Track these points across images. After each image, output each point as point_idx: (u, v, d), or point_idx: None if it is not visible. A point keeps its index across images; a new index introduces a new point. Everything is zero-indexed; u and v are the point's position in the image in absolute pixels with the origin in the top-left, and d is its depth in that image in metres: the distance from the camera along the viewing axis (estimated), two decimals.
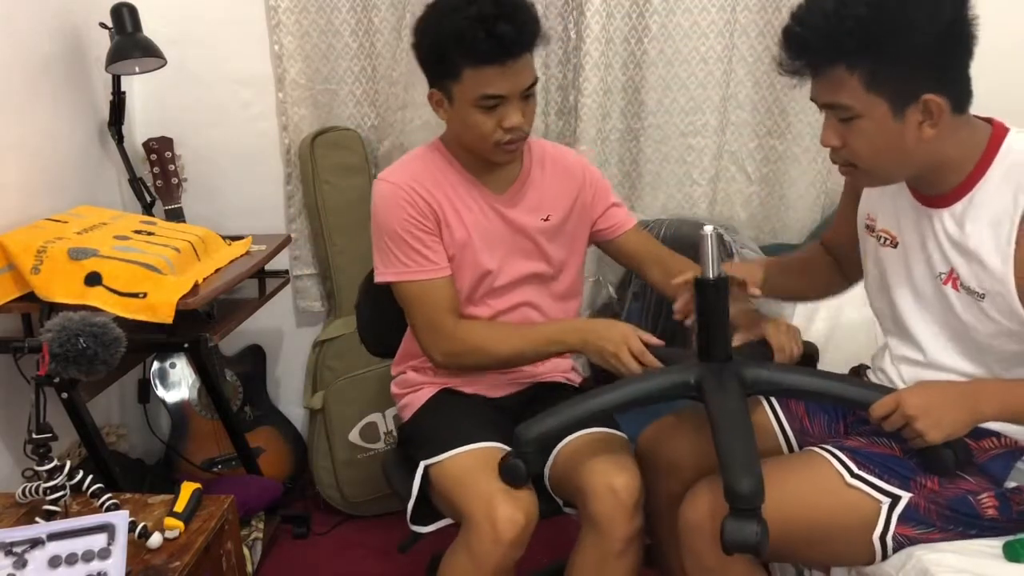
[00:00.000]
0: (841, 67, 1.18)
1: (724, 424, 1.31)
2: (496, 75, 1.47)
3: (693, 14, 2.23)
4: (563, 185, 1.71)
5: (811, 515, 1.30)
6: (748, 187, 2.36)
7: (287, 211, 2.46)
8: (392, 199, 1.59)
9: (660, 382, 1.43)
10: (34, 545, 1.26)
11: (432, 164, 1.64)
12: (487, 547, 1.42)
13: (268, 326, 2.52)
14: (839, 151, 1.27)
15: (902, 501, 1.28)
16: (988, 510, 1.28)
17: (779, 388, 1.46)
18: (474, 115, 1.51)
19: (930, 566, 1.24)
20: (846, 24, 1.15)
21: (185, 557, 1.33)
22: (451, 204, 1.61)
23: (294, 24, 2.31)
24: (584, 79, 2.23)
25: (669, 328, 2.26)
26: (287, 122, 2.39)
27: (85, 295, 1.64)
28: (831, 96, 1.22)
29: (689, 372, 1.41)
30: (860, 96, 1.19)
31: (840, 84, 1.19)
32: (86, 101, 2.17)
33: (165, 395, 2.36)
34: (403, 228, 1.58)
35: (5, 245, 1.68)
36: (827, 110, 1.25)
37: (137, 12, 2.05)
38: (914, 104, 1.19)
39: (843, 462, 1.32)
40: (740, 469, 1.23)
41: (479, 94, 1.49)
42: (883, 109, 1.19)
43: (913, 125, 1.20)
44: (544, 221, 1.67)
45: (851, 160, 1.26)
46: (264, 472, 2.32)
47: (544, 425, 1.44)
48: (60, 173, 2.04)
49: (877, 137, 1.21)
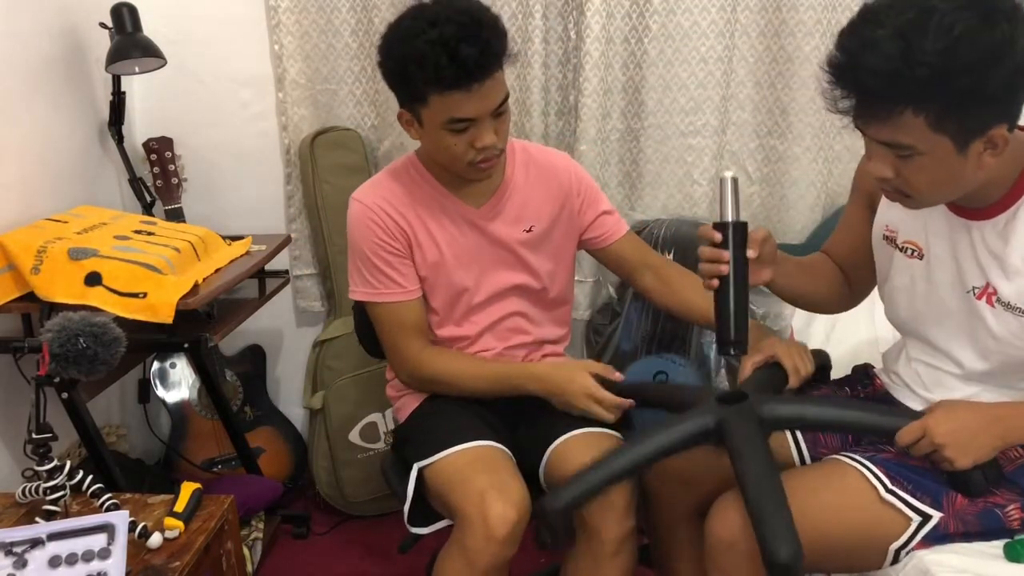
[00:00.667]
0: (907, 111, 1.11)
1: (753, 480, 1.26)
2: (463, 99, 1.43)
3: (693, 14, 2.23)
4: (548, 192, 1.68)
5: (842, 529, 1.28)
6: (748, 187, 2.36)
7: (287, 211, 2.46)
8: (362, 220, 1.59)
9: (680, 433, 1.38)
10: (34, 545, 1.26)
11: (406, 181, 1.63)
12: (480, 544, 1.41)
13: (268, 326, 2.52)
14: (890, 180, 1.22)
15: (931, 521, 1.26)
16: (1013, 522, 1.27)
17: (801, 423, 1.44)
18: (445, 138, 1.49)
19: (930, 566, 1.24)
20: (916, 72, 1.07)
21: (185, 557, 1.33)
22: (423, 223, 1.60)
23: (294, 24, 2.31)
24: (584, 79, 2.23)
25: (669, 329, 2.27)
26: (287, 122, 2.39)
27: (85, 295, 1.64)
28: (891, 136, 1.16)
29: (707, 417, 1.37)
30: (925, 136, 1.13)
31: (903, 125, 1.13)
32: (86, 101, 2.17)
33: (165, 395, 2.36)
34: (372, 250, 1.59)
35: (5, 245, 1.68)
36: (882, 145, 1.19)
37: (137, 12, 2.05)
38: (979, 138, 1.14)
39: (878, 476, 1.29)
40: (779, 535, 1.18)
41: (447, 118, 1.46)
42: (947, 146, 1.14)
43: (975, 156, 1.16)
44: (527, 232, 1.65)
45: (904, 191, 1.22)
46: (264, 472, 2.32)
47: (569, 495, 1.37)
48: (60, 173, 2.04)
49: (937, 171, 1.17)
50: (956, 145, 1.14)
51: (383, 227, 1.58)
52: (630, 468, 1.40)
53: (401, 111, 1.54)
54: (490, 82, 1.44)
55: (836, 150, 2.31)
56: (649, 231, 2.29)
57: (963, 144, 1.14)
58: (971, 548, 1.27)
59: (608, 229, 1.74)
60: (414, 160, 1.65)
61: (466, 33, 1.40)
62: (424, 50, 1.40)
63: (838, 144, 2.30)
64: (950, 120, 1.11)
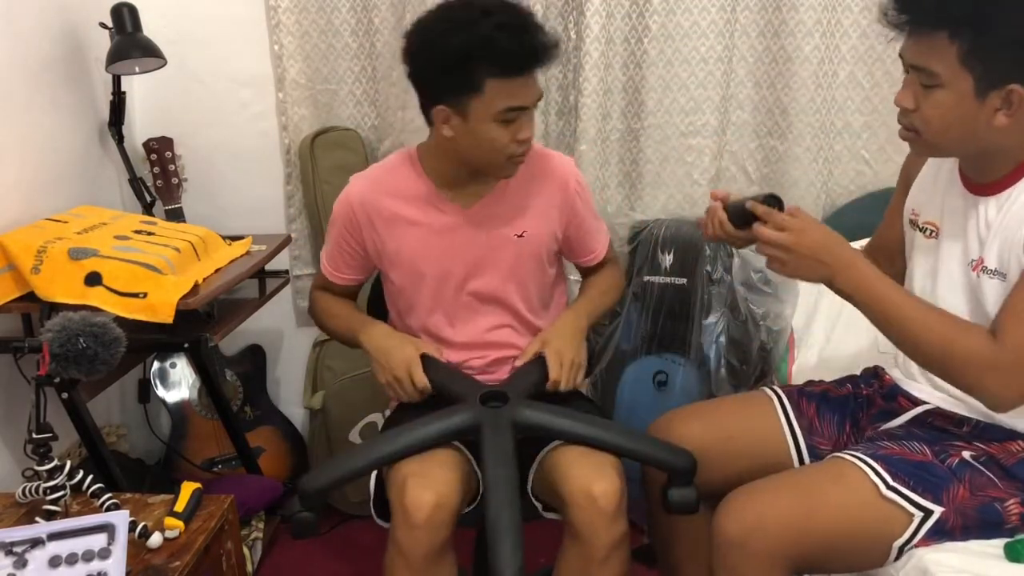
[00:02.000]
0: (943, 33, 1.17)
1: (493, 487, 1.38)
2: (520, 86, 1.45)
3: (693, 14, 2.23)
4: (546, 198, 1.66)
5: (845, 526, 1.28)
6: (748, 187, 2.36)
7: (287, 211, 2.46)
8: (342, 207, 1.66)
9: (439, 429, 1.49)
10: (34, 545, 1.26)
11: (398, 175, 1.64)
12: (403, 534, 1.40)
13: (268, 326, 2.52)
14: (910, 114, 1.27)
15: (933, 516, 1.26)
16: (1013, 517, 1.28)
17: (552, 433, 1.53)
18: (492, 129, 1.47)
19: (930, 566, 1.24)
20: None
21: (185, 557, 1.33)
22: (405, 217, 1.61)
23: (294, 24, 2.31)
24: (584, 79, 2.23)
25: (669, 329, 2.27)
26: (287, 122, 2.39)
27: (85, 295, 1.64)
28: (923, 59, 1.21)
29: (466, 416, 1.48)
30: (952, 66, 1.19)
31: (936, 50, 1.19)
32: (86, 101, 2.17)
33: (165, 395, 2.36)
34: (335, 231, 1.68)
35: (5, 245, 1.68)
36: (913, 71, 1.25)
37: (137, 12, 2.05)
38: (998, 90, 1.19)
39: (878, 472, 1.30)
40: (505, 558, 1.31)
41: (504, 106, 1.45)
42: (968, 85, 1.19)
43: (990, 109, 1.20)
44: (519, 237, 1.64)
45: (918, 126, 1.27)
46: (264, 472, 2.32)
47: (329, 476, 1.50)
48: (60, 173, 2.04)
49: (952, 111, 1.22)
50: (977, 87, 1.19)
51: (351, 223, 1.64)
52: (389, 457, 1.48)
53: (439, 107, 1.49)
54: (536, 73, 1.48)
55: (836, 150, 2.30)
56: (649, 231, 2.29)
57: (983, 89, 1.19)
58: (971, 548, 1.27)
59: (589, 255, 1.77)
60: (413, 156, 1.65)
61: (527, 21, 1.45)
62: (491, 35, 1.40)
63: (838, 144, 2.30)
64: (978, 57, 1.17)
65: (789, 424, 1.52)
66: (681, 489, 1.45)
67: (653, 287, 2.27)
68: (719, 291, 2.20)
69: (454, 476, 1.46)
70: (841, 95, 2.27)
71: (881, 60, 2.23)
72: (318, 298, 1.79)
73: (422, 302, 1.66)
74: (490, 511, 1.36)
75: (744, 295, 2.17)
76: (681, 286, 2.26)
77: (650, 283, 2.28)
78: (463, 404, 1.51)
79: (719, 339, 2.21)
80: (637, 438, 1.49)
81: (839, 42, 2.23)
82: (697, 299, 2.24)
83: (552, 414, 1.51)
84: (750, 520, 1.28)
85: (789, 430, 1.52)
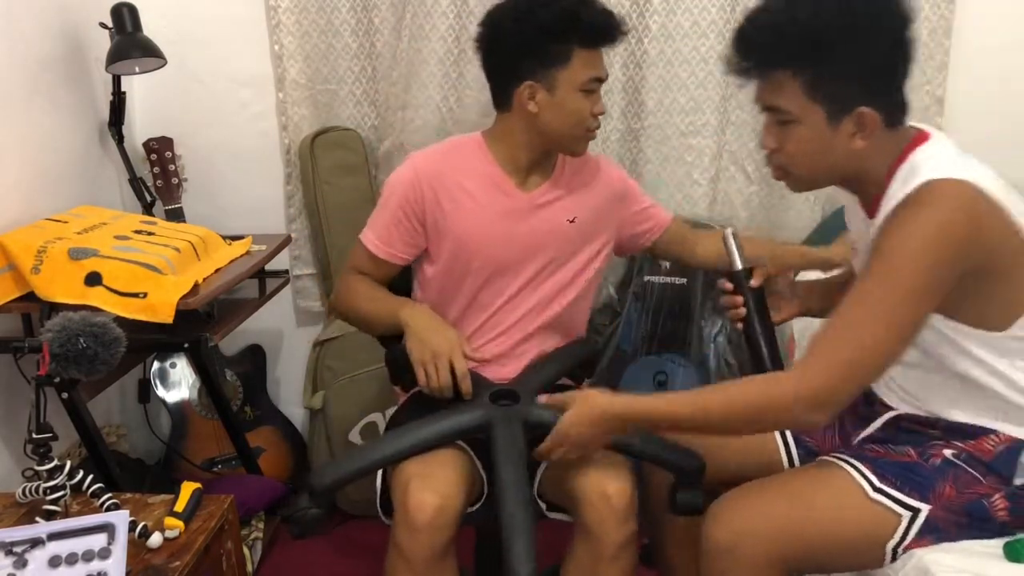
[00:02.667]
0: (786, 72, 1.22)
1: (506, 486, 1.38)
2: (599, 58, 1.57)
3: (693, 14, 2.23)
4: (594, 190, 1.71)
5: (834, 529, 1.29)
6: (748, 187, 2.36)
7: (287, 211, 2.46)
8: (403, 177, 1.64)
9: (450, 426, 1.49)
10: (34, 545, 1.26)
11: (465, 155, 1.66)
12: (404, 535, 1.40)
13: (268, 326, 2.52)
14: (775, 154, 1.31)
15: (922, 514, 1.28)
16: (1000, 512, 1.28)
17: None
18: (577, 100, 1.55)
19: (930, 566, 1.24)
20: (794, 29, 1.19)
21: (185, 557, 1.33)
22: (468, 193, 1.62)
23: (294, 24, 2.31)
24: None
25: (669, 328, 2.27)
26: (287, 122, 2.39)
27: (85, 295, 1.64)
28: (773, 99, 1.26)
29: (477, 413, 1.48)
30: (800, 101, 1.23)
31: (782, 88, 1.23)
32: (86, 101, 2.17)
33: (165, 395, 2.36)
34: (393, 201, 1.64)
35: (5, 245, 1.68)
36: (767, 112, 1.29)
37: (137, 12, 2.05)
38: (849, 115, 1.22)
39: (864, 475, 1.31)
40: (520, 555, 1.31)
41: (589, 76, 1.55)
42: (819, 116, 1.23)
43: (845, 135, 1.24)
44: (570, 223, 1.66)
45: (785, 164, 1.31)
46: (264, 472, 2.32)
47: (337, 473, 1.48)
48: (60, 173, 2.04)
49: (811, 143, 1.26)
50: (828, 117, 1.23)
51: (415, 191, 1.62)
52: (400, 453, 1.47)
53: (526, 83, 1.55)
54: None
55: None
56: None
57: (834, 117, 1.23)
58: (970, 548, 1.27)
59: (656, 220, 1.80)
60: (479, 140, 1.67)
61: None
62: (576, 8, 1.51)
63: None
64: (822, 88, 1.21)
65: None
66: (688, 491, 1.46)
67: (653, 287, 2.28)
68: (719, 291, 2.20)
69: (458, 478, 1.46)
70: None
71: None
72: (354, 280, 1.69)
73: (463, 289, 1.66)
74: (504, 510, 1.36)
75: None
76: (681, 286, 2.26)
77: (650, 283, 2.28)
78: (473, 402, 1.51)
79: (719, 339, 2.21)
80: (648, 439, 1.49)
81: None
82: (697, 299, 2.24)
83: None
84: (738, 526, 1.29)
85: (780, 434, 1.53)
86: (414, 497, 1.40)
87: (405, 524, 1.40)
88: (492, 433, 1.45)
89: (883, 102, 1.24)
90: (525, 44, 1.54)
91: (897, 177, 1.26)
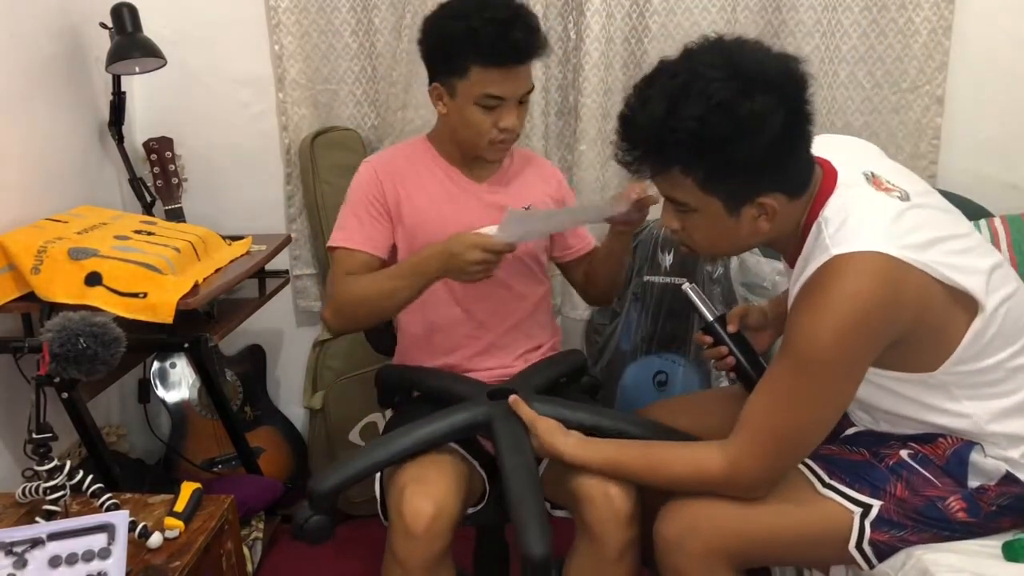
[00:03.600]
0: (675, 169, 1.21)
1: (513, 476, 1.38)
2: (500, 78, 1.56)
3: (693, 14, 2.23)
4: (543, 187, 1.79)
5: (787, 523, 1.31)
6: None
7: (287, 211, 2.46)
8: (361, 176, 1.72)
9: (451, 424, 1.49)
10: (34, 545, 1.26)
11: (413, 151, 1.75)
12: (401, 542, 1.40)
13: (268, 326, 2.52)
14: (678, 233, 1.32)
15: (873, 510, 1.28)
16: (957, 513, 1.28)
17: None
18: (474, 113, 1.59)
19: (930, 566, 1.24)
20: (676, 135, 1.16)
21: (185, 557, 1.33)
22: (422, 187, 1.69)
23: (294, 24, 2.31)
24: (584, 79, 2.23)
25: (669, 328, 2.27)
26: (287, 122, 2.39)
27: (85, 295, 1.64)
28: (669, 191, 1.26)
29: (476, 411, 1.49)
30: (695, 195, 1.22)
31: (677, 183, 1.23)
32: (86, 101, 2.17)
33: (165, 395, 2.36)
34: (357, 199, 1.69)
35: (5, 245, 1.68)
36: (666, 199, 1.29)
37: (137, 12, 2.05)
38: (749, 204, 1.22)
39: (815, 471, 1.34)
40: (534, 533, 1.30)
41: (482, 92, 1.57)
42: (717, 207, 1.22)
43: (748, 220, 1.24)
44: (525, 209, 1.70)
45: (688, 244, 1.33)
46: (264, 472, 2.32)
47: (338, 477, 1.45)
48: (60, 173, 2.04)
49: (713, 229, 1.26)
50: (727, 208, 1.22)
51: (375, 185, 1.69)
52: (399, 454, 1.46)
53: (434, 85, 1.63)
54: (525, 68, 1.59)
55: None
56: (649, 231, 2.29)
57: (733, 208, 1.22)
58: (970, 547, 1.27)
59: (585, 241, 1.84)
60: (423, 138, 1.77)
61: (517, 18, 1.55)
62: (478, 26, 1.52)
63: None
64: (716, 184, 1.20)
65: None
66: None
67: (653, 287, 2.28)
68: (719, 291, 2.20)
69: (454, 484, 1.46)
70: (841, 95, 2.27)
71: (881, 60, 2.24)
72: (350, 280, 1.64)
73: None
74: (512, 496, 1.35)
75: (744, 295, 2.18)
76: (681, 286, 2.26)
77: (650, 283, 2.28)
78: (472, 401, 1.53)
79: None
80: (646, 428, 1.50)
81: (839, 42, 2.23)
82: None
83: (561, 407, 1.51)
84: (685, 522, 1.32)
85: None
86: (410, 505, 1.40)
87: (401, 531, 1.40)
88: (493, 427, 1.46)
89: (782, 184, 1.22)
90: (432, 48, 1.62)
91: (810, 236, 1.25)
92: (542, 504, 1.37)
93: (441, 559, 1.43)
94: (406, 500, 1.40)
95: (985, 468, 1.29)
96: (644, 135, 1.21)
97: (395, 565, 1.42)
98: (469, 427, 1.50)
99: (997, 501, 1.28)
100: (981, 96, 2.28)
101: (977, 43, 2.24)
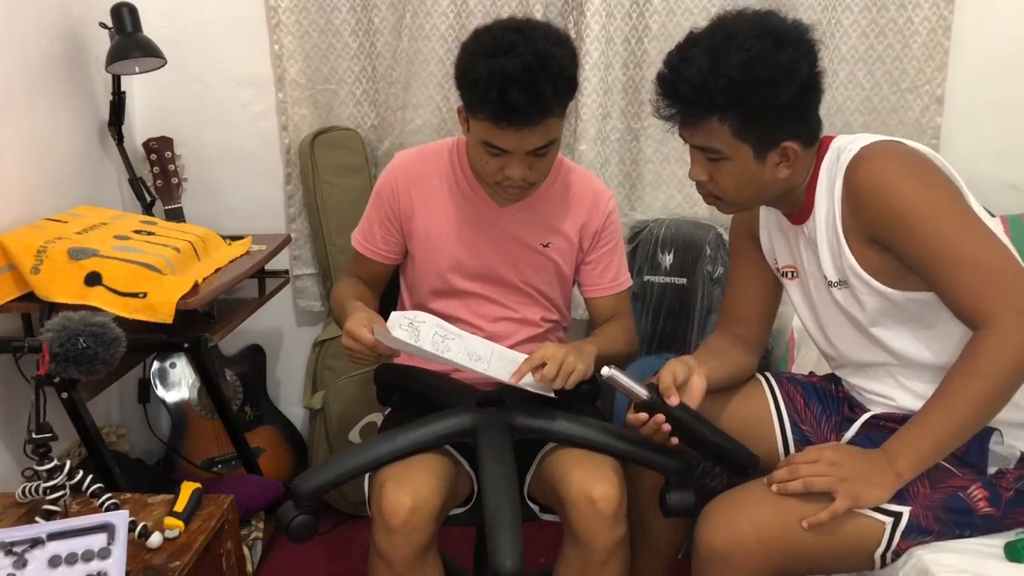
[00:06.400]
0: (714, 118, 1.31)
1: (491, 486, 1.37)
2: (501, 133, 1.46)
3: (693, 14, 2.23)
4: (574, 217, 1.68)
5: (821, 540, 1.30)
6: None
7: (287, 211, 2.46)
8: (387, 179, 1.68)
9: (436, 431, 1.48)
10: (34, 545, 1.26)
11: (441, 162, 1.67)
12: (382, 538, 1.40)
13: (268, 326, 2.52)
14: (705, 184, 1.40)
15: (903, 518, 1.28)
16: (980, 503, 1.29)
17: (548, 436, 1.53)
18: (481, 153, 1.53)
19: (930, 566, 1.24)
20: (720, 83, 1.27)
21: (185, 557, 1.33)
22: (439, 204, 1.64)
23: (294, 24, 2.31)
24: (584, 79, 2.23)
25: (669, 329, 2.27)
26: (287, 122, 2.39)
27: (85, 295, 1.64)
28: (703, 141, 1.35)
29: (463, 418, 1.48)
30: (729, 142, 1.33)
31: (712, 132, 1.33)
32: (86, 101, 2.17)
33: (165, 395, 2.36)
34: (377, 202, 1.69)
35: (5, 245, 1.68)
36: (696, 150, 1.38)
37: (137, 12, 2.05)
38: (774, 149, 1.34)
39: None
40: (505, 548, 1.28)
41: (485, 139, 1.49)
42: (748, 153, 1.33)
43: (771, 165, 1.35)
44: (544, 247, 1.67)
45: (717, 194, 1.41)
46: (264, 472, 2.32)
47: (321, 478, 1.46)
48: (60, 173, 2.04)
49: (741, 175, 1.36)
50: (755, 153, 1.33)
51: (393, 195, 1.66)
52: (383, 459, 1.46)
53: (459, 108, 1.55)
54: (532, 127, 1.44)
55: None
56: (649, 231, 2.29)
57: (761, 153, 1.34)
58: (970, 547, 1.27)
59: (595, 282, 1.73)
60: (460, 145, 1.67)
61: (525, 77, 1.39)
62: (481, 76, 1.42)
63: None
64: (749, 130, 1.31)
65: (777, 407, 1.56)
66: (679, 492, 1.45)
67: (653, 287, 2.28)
68: (719, 291, 2.21)
69: (434, 479, 1.45)
70: (841, 95, 2.27)
71: (881, 60, 2.24)
72: (342, 283, 1.72)
73: (429, 283, 1.68)
74: (488, 504, 1.36)
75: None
76: (681, 286, 2.26)
77: (650, 283, 2.28)
78: (459, 407, 1.52)
79: None
80: (632, 441, 1.48)
81: (839, 42, 2.23)
82: (697, 299, 2.24)
83: (548, 418, 1.51)
84: (732, 536, 1.31)
85: (776, 413, 1.55)
86: (388, 499, 1.39)
87: (381, 525, 1.40)
88: (476, 436, 1.45)
89: (802, 132, 1.35)
90: (456, 72, 1.51)
91: (822, 170, 1.38)
92: (518, 516, 1.34)
93: (423, 553, 1.42)
94: (385, 494, 1.40)
95: (1002, 454, 1.33)
96: (688, 88, 1.30)
97: (379, 560, 1.42)
98: (453, 434, 1.49)
99: (1015, 485, 1.31)
100: (980, 96, 2.28)
101: (977, 43, 2.24)
